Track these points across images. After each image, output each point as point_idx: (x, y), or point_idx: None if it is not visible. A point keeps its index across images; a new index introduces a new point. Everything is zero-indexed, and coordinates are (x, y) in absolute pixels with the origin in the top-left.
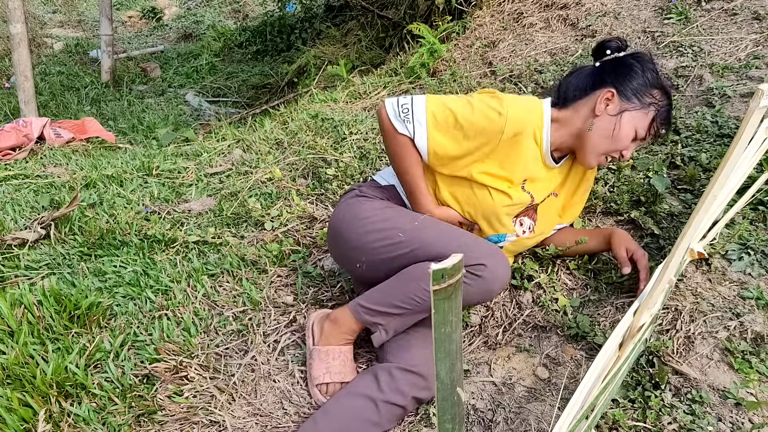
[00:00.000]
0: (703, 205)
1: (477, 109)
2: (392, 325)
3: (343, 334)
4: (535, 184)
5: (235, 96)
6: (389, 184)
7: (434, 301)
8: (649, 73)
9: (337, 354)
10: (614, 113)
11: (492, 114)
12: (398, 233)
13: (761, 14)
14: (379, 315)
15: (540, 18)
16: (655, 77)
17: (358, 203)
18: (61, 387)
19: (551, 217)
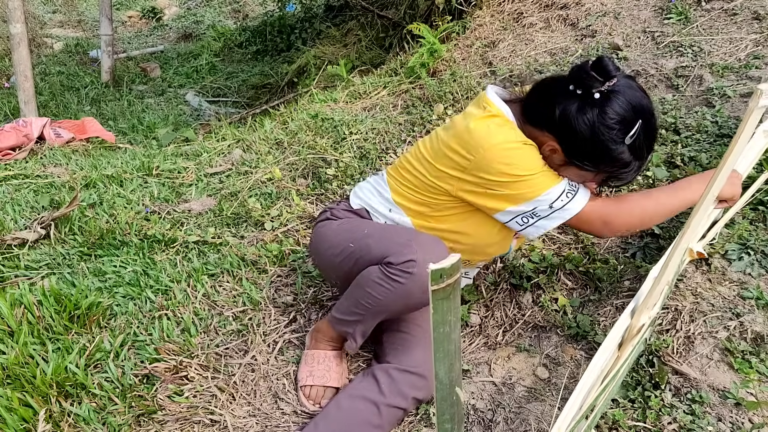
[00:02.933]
0: (702, 205)
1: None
2: (358, 330)
3: (326, 341)
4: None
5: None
6: (361, 207)
7: (433, 301)
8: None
9: (321, 358)
10: (559, 163)
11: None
12: (349, 244)
13: (761, 14)
14: (346, 323)
15: (540, 18)
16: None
17: (324, 228)
18: (61, 387)
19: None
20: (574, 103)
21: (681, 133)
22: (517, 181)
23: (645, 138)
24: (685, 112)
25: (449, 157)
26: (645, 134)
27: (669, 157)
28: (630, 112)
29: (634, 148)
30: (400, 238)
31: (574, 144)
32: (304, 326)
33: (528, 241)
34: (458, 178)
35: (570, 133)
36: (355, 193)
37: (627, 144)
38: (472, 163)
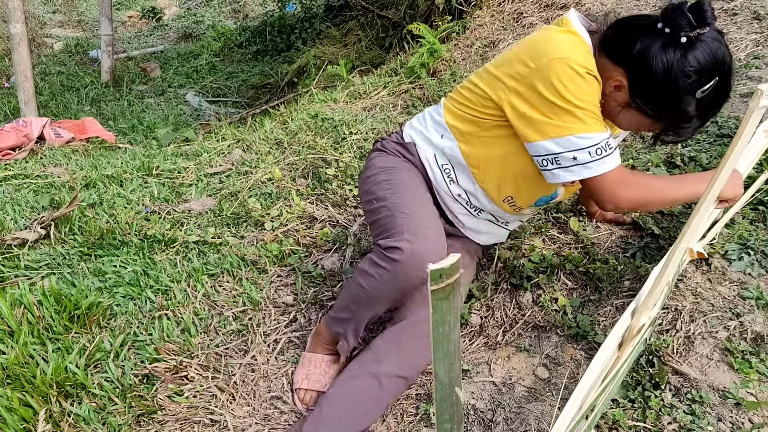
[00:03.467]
0: (702, 205)
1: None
2: (350, 330)
3: (324, 345)
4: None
5: (235, 96)
6: (411, 141)
7: (432, 300)
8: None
9: (318, 362)
10: (620, 102)
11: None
12: (373, 200)
13: (761, 14)
14: (339, 322)
15: (540, 18)
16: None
17: (371, 161)
18: (61, 387)
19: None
20: (658, 41)
21: None
22: (561, 107)
23: (716, 96)
24: None
25: (512, 64)
26: (717, 92)
27: (669, 157)
28: (711, 65)
29: (702, 103)
30: (399, 220)
31: (645, 83)
32: (304, 326)
33: (576, 193)
34: (511, 88)
35: (644, 69)
36: (410, 124)
37: (697, 97)
38: (531, 71)
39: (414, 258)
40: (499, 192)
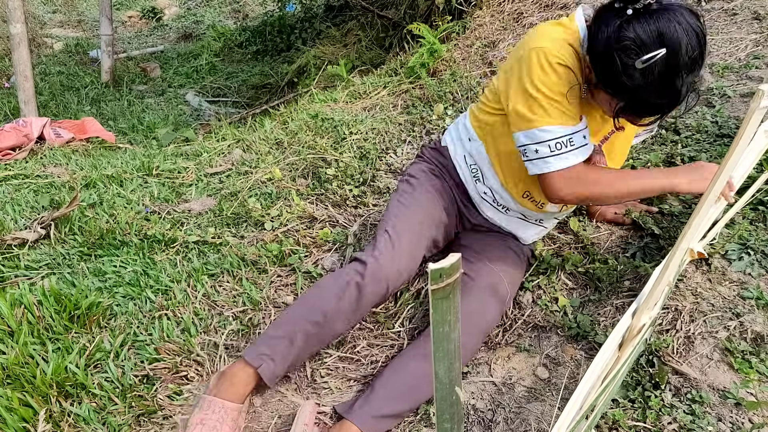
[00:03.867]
0: (703, 205)
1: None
2: (279, 349)
3: (230, 389)
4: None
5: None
6: (445, 146)
7: (432, 300)
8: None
9: (218, 408)
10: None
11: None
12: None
13: (761, 14)
14: (267, 343)
15: (540, 18)
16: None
17: (410, 166)
18: (61, 387)
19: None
20: (611, 15)
21: (681, 133)
22: (531, 95)
23: (666, 71)
24: (685, 112)
25: (509, 57)
26: (666, 67)
27: (669, 157)
28: (653, 37)
29: (646, 76)
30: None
31: (593, 55)
32: None
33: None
34: (505, 80)
35: (593, 42)
36: (448, 130)
37: (638, 68)
38: (517, 62)
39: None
40: (517, 187)
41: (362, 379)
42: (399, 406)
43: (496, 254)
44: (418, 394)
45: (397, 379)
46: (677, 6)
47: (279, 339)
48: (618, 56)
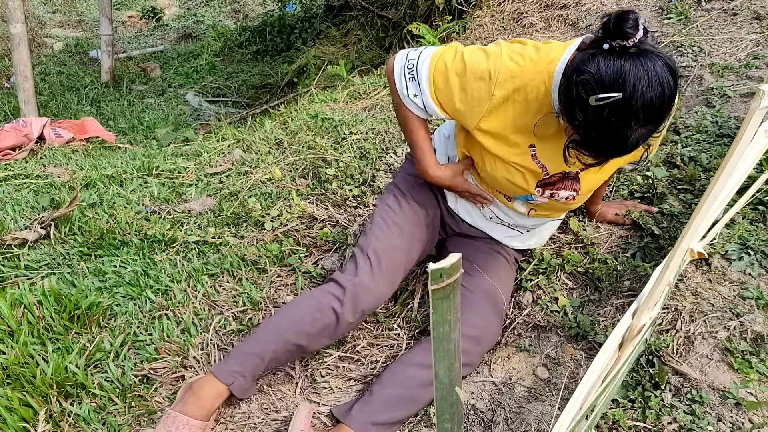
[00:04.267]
0: (703, 205)
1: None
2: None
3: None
4: (545, 149)
5: (235, 96)
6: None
7: (432, 300)
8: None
9: (182, 425)
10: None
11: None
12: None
13: (761, 14)
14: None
15: (540, 18)
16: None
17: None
18: (61, 387)
19: (599, 181)
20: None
21: (681, 133)
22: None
23: (615, 116)
24: (685, 112)
25: None
26: (617, 112)
27: (669, 157)
28: (614, 78)
29: (597, 116)
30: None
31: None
32: None
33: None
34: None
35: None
36: (437, 130)
37: (591, 105)
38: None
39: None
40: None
41: (362, 379)
42: (397, 414)
43: (487, 263)
44: (416, 402)
45: (395, 386)
46: (656, 54)
47: (251, 356)
48: (576, 87)
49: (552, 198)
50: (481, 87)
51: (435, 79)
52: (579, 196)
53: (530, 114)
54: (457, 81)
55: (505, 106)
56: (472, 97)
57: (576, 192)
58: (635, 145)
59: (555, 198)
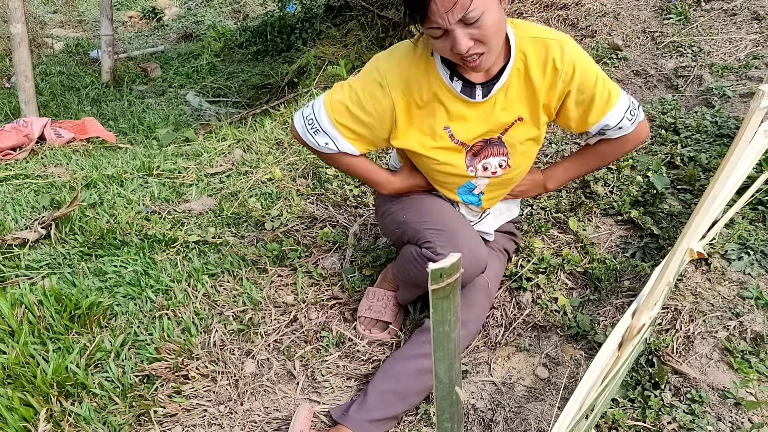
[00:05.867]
0: (703, 205)
1: (359, 88)
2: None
3: (390, 282)
4: (460, 126)
5: (235, 96)
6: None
7: (432, 300)
8: None
9: (381, 296)
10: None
11: (374, 88)
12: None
13: (761, 14)
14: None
15: (540, 18)
16: None
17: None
18: (62, 386)
19: (527, 142)
20: None
21: (681, 133)
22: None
23: None
24: (685, 112)
25: None
26: None
27: (669, 157)
28: None
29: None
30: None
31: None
32: (305, 326)
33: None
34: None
35: None
36: (393, 159)
37: None
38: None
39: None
40: (440, 188)
41: (362, 378)
42: (393, 409)
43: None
44: (410, 395)
45: (388, 382)
46: None
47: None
48: None
49: (487, 171)
50: (379, 101)
51: (336, 118)
52: (513, 161)
53: (426, 94)
54: (356, 108)
55: (406, 102)
56: (376, 114)
57: (506, 156)
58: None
59: (490, 170)
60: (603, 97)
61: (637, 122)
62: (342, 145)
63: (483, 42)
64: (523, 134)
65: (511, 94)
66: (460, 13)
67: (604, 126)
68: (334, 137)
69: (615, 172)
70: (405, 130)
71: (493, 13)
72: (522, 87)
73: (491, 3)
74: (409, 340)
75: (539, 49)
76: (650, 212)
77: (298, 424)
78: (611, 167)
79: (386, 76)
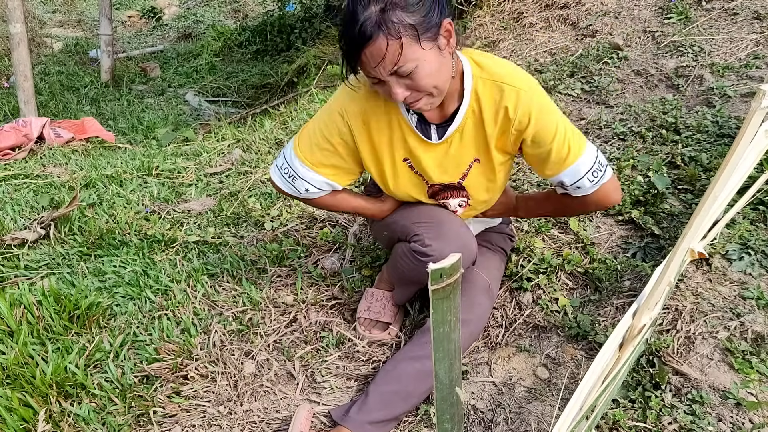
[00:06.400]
0: (703, 205)
1: (321, 122)
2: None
3: (388, 283)
4: (421, 163)
5: (235, 96)
6: None
7: (432, 300)
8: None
9: (380, 297)
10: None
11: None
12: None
13: (761, 14)
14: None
15: (540, 18)
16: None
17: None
18: (61, 387)
19: (486, 183)
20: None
21: (681, 132)
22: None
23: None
24: (686, 112)
25: None
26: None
27: (670, 157)
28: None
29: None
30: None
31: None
32: (304, 326)
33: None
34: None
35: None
36: None
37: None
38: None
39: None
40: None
41: (362, 379)
42: (394, 410)
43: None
44: (411, 396)
45: (389, 383)
46: None
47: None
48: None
49: (448, 208)
50: (340, 129)
51: (309, 159)
52: (473, 200)
53: (384, 125)
54: (324, 142)
55: (367, 131)
56: (342, 142)
57: (465, 197)
58: (368, 24)
59: (451, 208)
60: (561, 153)
61: (600, 184)
62: (321, 185)
63: (419, 91)
64: (481, 176)
65: (466, 136)
66: (390, 67)
67: (560, 182)
68: (311, 179)
69: (615, 172)
70: (366, 158)
71: (429, 64)
72: (476, 129)
73: (426, 55)
74: (411, 341)
75: (494, 94)
76: (651, 212)
77: (298, 425)
78: (612, 167)
79: (345, 106)
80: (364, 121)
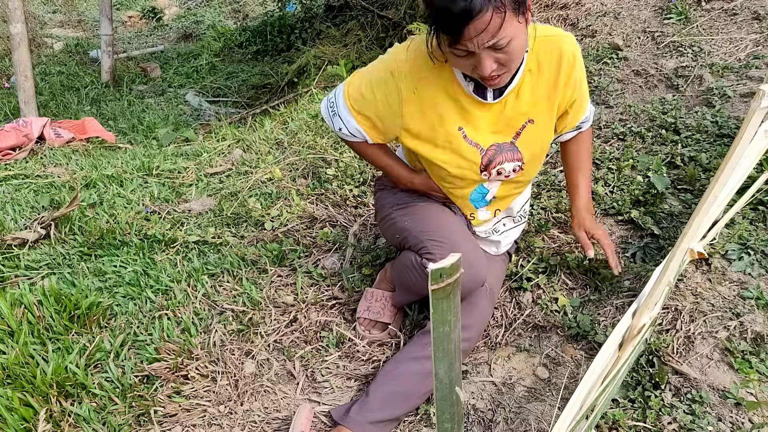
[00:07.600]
0: (703, 205)
1: (373, 73)
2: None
3: (388, 283)
4: (473, 127)
5: (235, 96)
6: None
7: (433, 300)
8: None
9: (379, 297)
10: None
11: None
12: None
13: (761, 14)
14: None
15: (540, 18)
16: None
17: (380, 200)
18: (62, 387)
19: (540, 144)
20: None
21: (681, 133)
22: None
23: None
24: (685, 112)
25: None
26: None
27: (669, 157)
28: None
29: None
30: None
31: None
32: (305, 326)
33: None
34: None
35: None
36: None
37: None
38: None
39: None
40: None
41: (362, 378)
42: (394, 411)
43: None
44: (412, 397)
45: (390, 384)
46: None
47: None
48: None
49: (501, 175)
50: (388, 88)
51: (350, 103)
52: (526, 165)
53: (439, 92)
54: (369, 93)
55: (418, 97)
56: (385, 101)
57: (520, 161)
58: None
59: (504, 175)
60: (586, 91)
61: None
62: (355, 128)
63: (505, 65)
64: (534, 138)
65: (522, 96)
66: (489, 40)
67: (584, 119)
68: (346, 121)
69: (615, 172)
70: (414, 127)
71: (521, 38)
72: (532, 89)
73: (520, 29)
74: (411, 341)
75: (552, 48)
76: (651, 212)
77: (299, 425)
78: (611, 167)
79: (399, 66)
80: (416, 86)
